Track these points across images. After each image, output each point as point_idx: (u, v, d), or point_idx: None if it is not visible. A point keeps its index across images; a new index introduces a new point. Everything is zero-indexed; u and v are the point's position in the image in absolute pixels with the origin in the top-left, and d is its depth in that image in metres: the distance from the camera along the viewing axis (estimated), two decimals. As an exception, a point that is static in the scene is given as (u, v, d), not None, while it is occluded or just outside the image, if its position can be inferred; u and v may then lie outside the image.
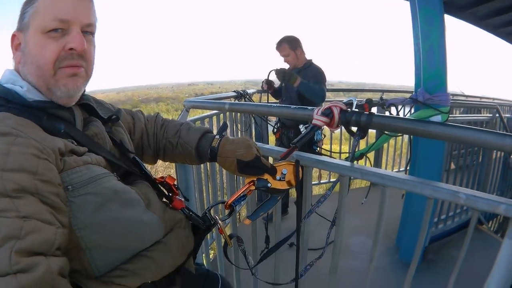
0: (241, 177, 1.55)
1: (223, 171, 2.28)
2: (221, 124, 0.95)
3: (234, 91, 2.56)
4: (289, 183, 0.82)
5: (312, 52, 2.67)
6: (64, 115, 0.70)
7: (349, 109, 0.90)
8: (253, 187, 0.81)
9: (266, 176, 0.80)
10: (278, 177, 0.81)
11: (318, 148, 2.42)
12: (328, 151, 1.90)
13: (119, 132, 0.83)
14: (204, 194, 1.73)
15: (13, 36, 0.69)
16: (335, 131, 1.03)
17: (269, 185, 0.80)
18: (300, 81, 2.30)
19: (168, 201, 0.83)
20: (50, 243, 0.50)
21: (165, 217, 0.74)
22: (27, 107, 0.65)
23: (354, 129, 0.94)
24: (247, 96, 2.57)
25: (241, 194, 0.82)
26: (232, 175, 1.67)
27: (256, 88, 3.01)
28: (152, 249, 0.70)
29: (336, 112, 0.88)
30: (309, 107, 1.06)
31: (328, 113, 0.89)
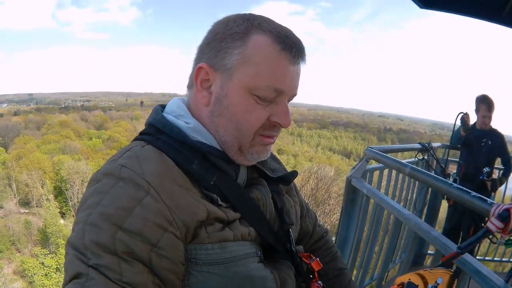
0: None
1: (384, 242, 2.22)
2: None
3: (419, 143, 2.46)
4: None
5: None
6: (225, 168, 0.60)
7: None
8: None
9: (418, 282, 0.72)
10: (430, 285, 0.72)
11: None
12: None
13: (282, 194, 0.73)
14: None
15: (200, 68, 0.58)
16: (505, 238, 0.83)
17: None
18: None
19: (304, 285, 0.72)
20: None
21: None
22: (181, 144, 0.57)
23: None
24: (431, 150, 2.40)
25: None
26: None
27: (442, 139, 2.80)
28: None
29: (513, 216, 0.70)
30: (489, 200, 0.90)
31: (505, 216, 0.73)
